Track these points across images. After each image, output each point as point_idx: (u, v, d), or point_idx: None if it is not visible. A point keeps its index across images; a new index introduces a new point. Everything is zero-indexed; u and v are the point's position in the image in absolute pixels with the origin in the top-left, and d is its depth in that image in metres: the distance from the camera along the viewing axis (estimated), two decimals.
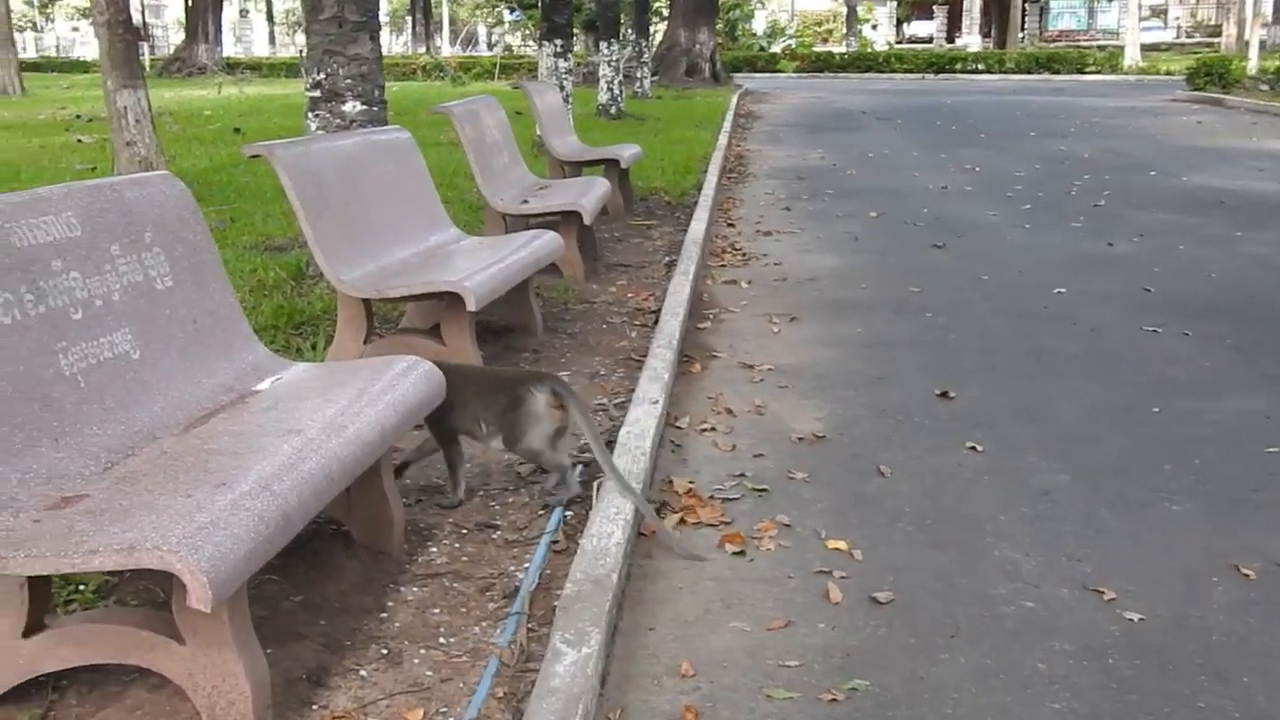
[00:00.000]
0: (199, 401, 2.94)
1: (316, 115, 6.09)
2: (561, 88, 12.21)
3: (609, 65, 16.84)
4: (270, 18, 50.94)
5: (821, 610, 2.90)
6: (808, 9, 58.93)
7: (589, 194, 6.72)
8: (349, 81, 6.05)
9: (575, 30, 11.90)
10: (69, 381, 2.57)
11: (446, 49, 46.64)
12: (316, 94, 6.07)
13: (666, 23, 29.44)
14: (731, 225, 8.81)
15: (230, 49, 39.81)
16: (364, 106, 6.09)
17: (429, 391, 3.19)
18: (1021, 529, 3.36)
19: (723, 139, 14.70)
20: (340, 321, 4.64)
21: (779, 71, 36.98)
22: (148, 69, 38.57)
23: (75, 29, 62.83)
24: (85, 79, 34.46)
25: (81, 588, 2.82)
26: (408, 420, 3.01)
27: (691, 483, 3.72)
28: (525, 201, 6.54)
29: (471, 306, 4.30)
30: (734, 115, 18.98)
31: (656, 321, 5.53)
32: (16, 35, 33.60)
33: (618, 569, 2.91)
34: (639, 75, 21.81)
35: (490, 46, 52.74)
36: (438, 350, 4.50)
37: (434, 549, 3.23)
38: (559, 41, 12.14)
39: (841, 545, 3.26)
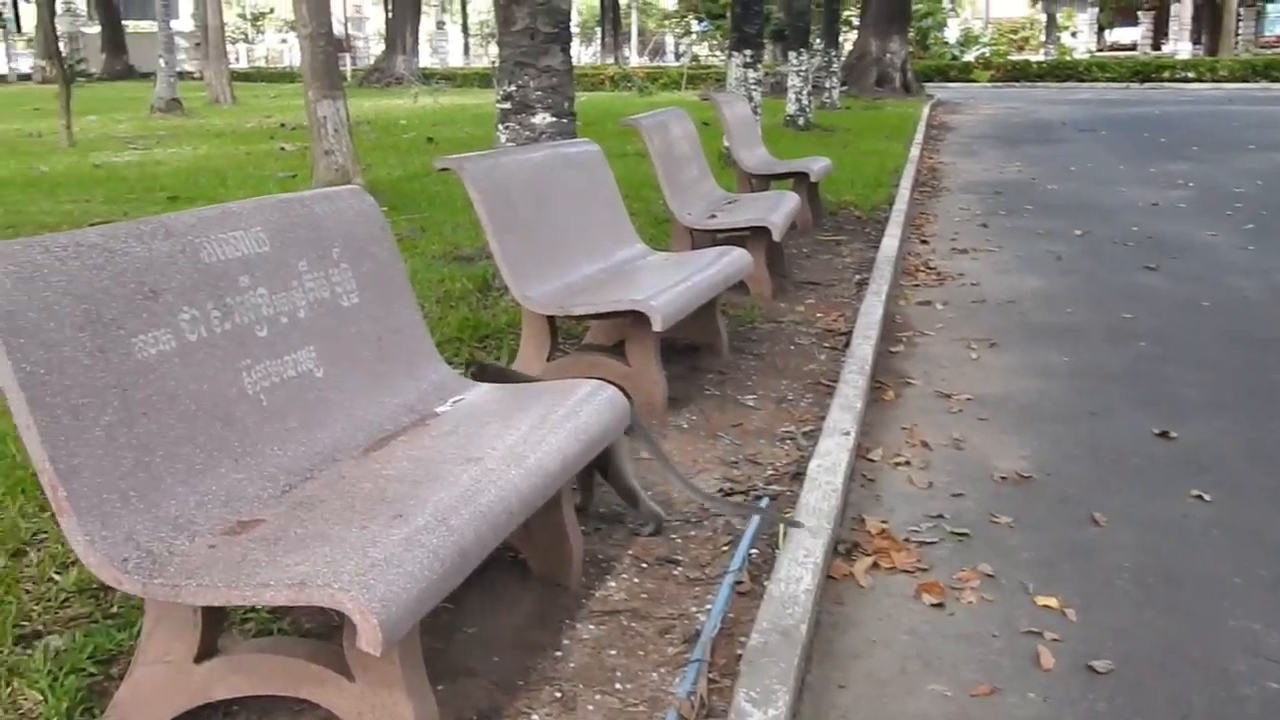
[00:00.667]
0: (380, 423, 2.87)
1: (507, 127, 6.07)
2: (750, 98, 12.03)
3: (798, 75, 16.58)
4: (465, 29, 52.31)
5: (1031, 677, 2.64)
6: (1003, 16, 57.22)
7: (779, 209, 6.53)
8: (539, 93, 6.01)
9: (764, 40, 11.70)
10: (252, 400, 2.52)
11: (634, 59, 47.03)
12: (507, 106, 6.05)
13: (856, 32, 28.91)
14: (925, 242, 8.47)
15: (426, 60, 41.01)
16: (554, 118, 6.05)
17: (613, 418, 3.05)
18: (1260, 594, 3.02)
19: (915, 151, 14.28)
20: (524, 337, 4.57)
21: (972, 81, 35.97)
22: (348, 79, 40.11)
23: (283, 41, 65.75)
24: (291, 88, 35.98)
25: (257, 607, 2.78)
26: (591, 449, 2.87)
27: (885, 523, 3.49)
28: (713, 216, 6.39)
29: (658, 327, 4.16)
30: (926, 126, 18.46)
31: (847, 344, 5.30)
32: (229, 47, 35.26)
33: (807, 618, 2.71)
34: (828, 85, 21.44)
35: (677, 57, 52.94)
36: (622, 371, 4.38)
37: (612, 583, 3.09)
38: (748, 51, 11.97)
39: (1052, 602, 2.98)
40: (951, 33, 46.36)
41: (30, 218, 9.22)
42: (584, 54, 55.19)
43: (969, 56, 41.25)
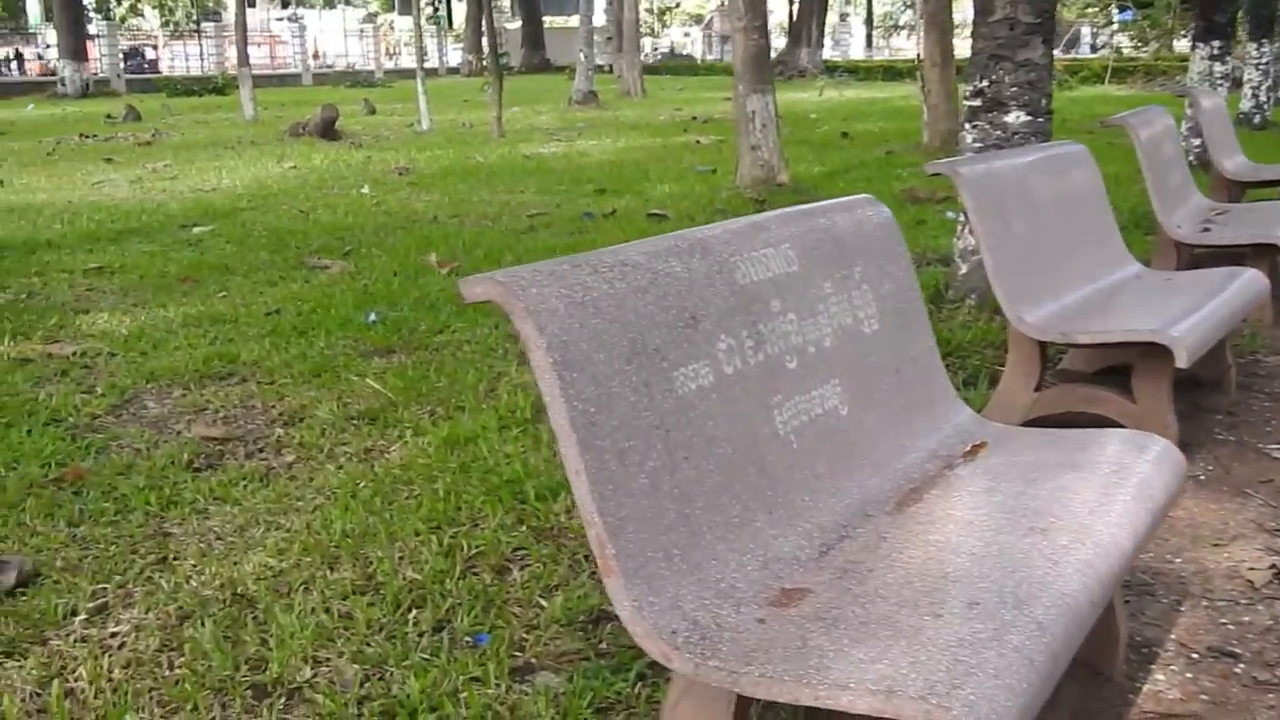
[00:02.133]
0: (905, 470, 2.51)
1: (975, 126, 5.57)
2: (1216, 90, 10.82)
3: (1256, 68, 14.89)
4: (870, 21, 51.59)
5: None
6: None
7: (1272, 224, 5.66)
8: (1014, 89, 5.47)
9: (1234, 30, 10.46)
10: (782, 442, 2.22)
11: (1055, 51, 44.58)
12: (977, 103, 5.56)
13: None
14: None
15: (828, 52, 40.69)
16: (1029, 117, 5.49)
17: (1173, 480, 2.54)
18: None
19: None
20: (1010, 363, 4.09)
21: None
22: None
23: (686, 34, 67.58)
24: (695, 81, 36.72)
25: None
26: (1157, 519, 2.38)
27: None
28: (1206, 229, 5.62)
29: (1182, 362, 3.57)
30: None
31: None
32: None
33: None
34: None
35: (1094, 49, 49.81)
36: (1129, 410, 3.82)
37: (1160, 676, 2.58)
38: (1216, 43, 10.77)
39: None
40: None
41: (472, 206, 9.63)
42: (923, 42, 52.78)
43: None
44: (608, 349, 1.88)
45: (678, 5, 60.69)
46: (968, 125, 5.63)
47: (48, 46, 40.95)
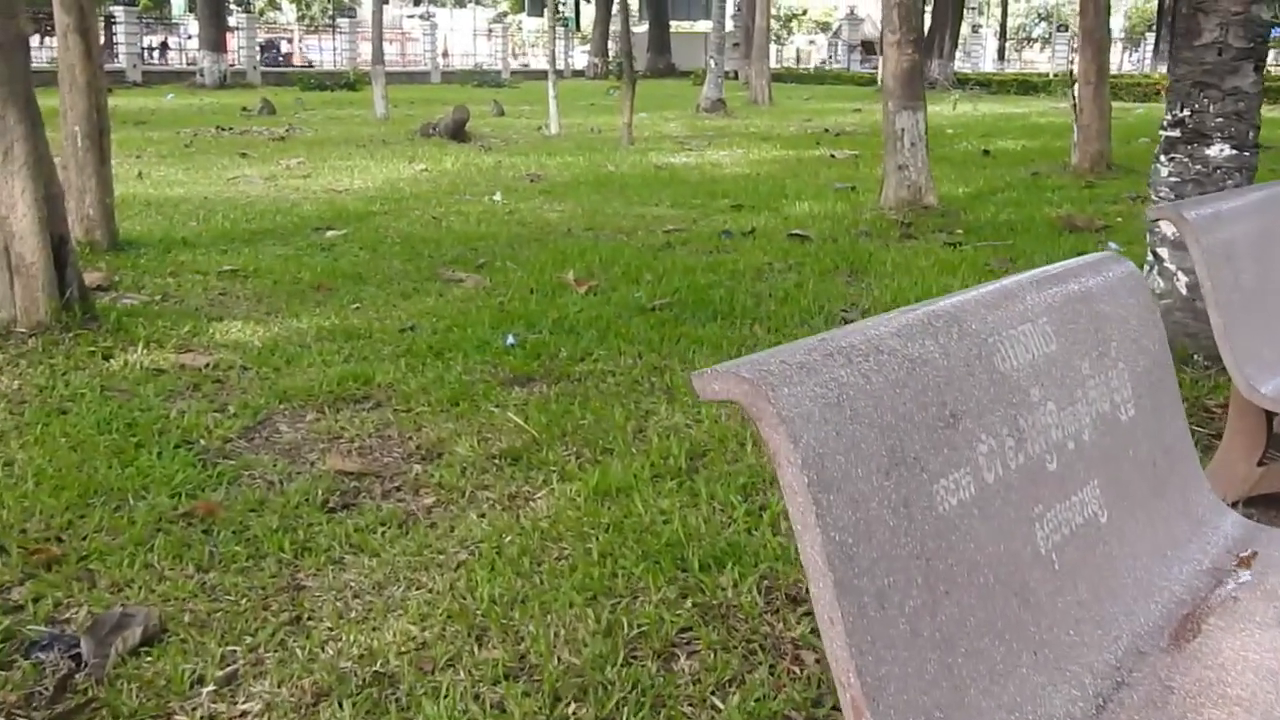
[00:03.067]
0: (1173, 590, 2.11)
1: (1171, 159, 5.10)
2: None
3: None
4: (1003, 33, 50.35)
5: None
6: None
7: None
8: (1219, 120, 4.98)
9: None
10: (1044, 563, 1.84)
11: None
12: (1175, 134, 5.08)
13: None
14: None
15: (958, 64, 39.74)
16: (1233, 151, 5.00)
17: None
18: None
19: None
20: (1230, 432, 3.63)
21: None
22: (879, 84, 39.82)
23: (811, 42, 66.87)
24: (822, 90, 36.19)
25: None
26: None
27: None
28: None
29: None
30: None
31: None
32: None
33: None
34: None
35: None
36: None
37: None
38: None
39: None
40: None
41: (606, 219, 9.35)
42: (1125, 61, 51.37)
43: None
44: (866, 461, 1.53)
45: (805, 13, 59.97)
46: (1163, 157, 5.16)
47: (189, 37, 42.05)
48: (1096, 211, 9.91)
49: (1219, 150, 4.99)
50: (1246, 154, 5.06)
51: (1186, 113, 5.04)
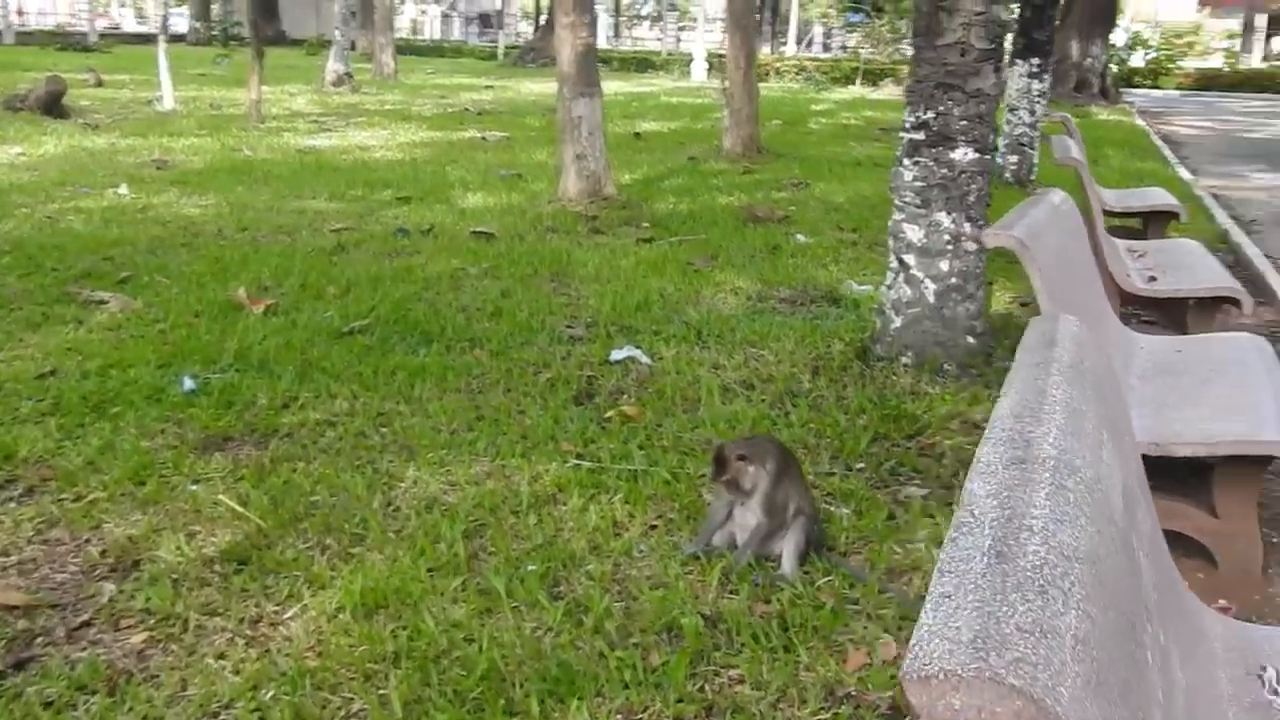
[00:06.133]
0: None
1: (916, 163, 4.86)
2: (1032, 112, 10.67)
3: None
4: (617, 10, 51.25)
5: None
6: (1168, 21, 54.12)
7: (1215, 268, 5.26)
8: (964, 123, 4.78)
9: (1052, 48, 10.16)
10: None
11: (791, 49, 45.40)
12: (920, 136, 4.84)
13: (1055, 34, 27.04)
14: None
15: None
16: (976, 154, 4.82)
17: None
18: None
19: (1184, 173, 12.75)
20: None
21: (1157, 88, 33.78)
22: (500, 59, 39.30)
23: (424, 12, 65.53)
24: (444, 64, 35.36)
25: None
26: None
27: None
28: (1153, 279, 5.10)
29: None
30: (1161, 141, 16.83)
31: None
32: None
33: None
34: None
35: (825, 49, 51.20)
36: (1209, 526, 3.18)
37: None
38: (1035, 60, 10.59)
39: None
40: (1118, 36, 43.80)
41: (260, 216, 8.26)
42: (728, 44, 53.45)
43: (1136, 61, 38.82)
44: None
45: None
46: (906, 161, 4.91)
47: None
48: (765, 199, 9.85)
49: (964, 154, 4.80)
50: (987, 157, 4.91)
51: (930, 115, 4.80)
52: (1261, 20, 50.12)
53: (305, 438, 4.02)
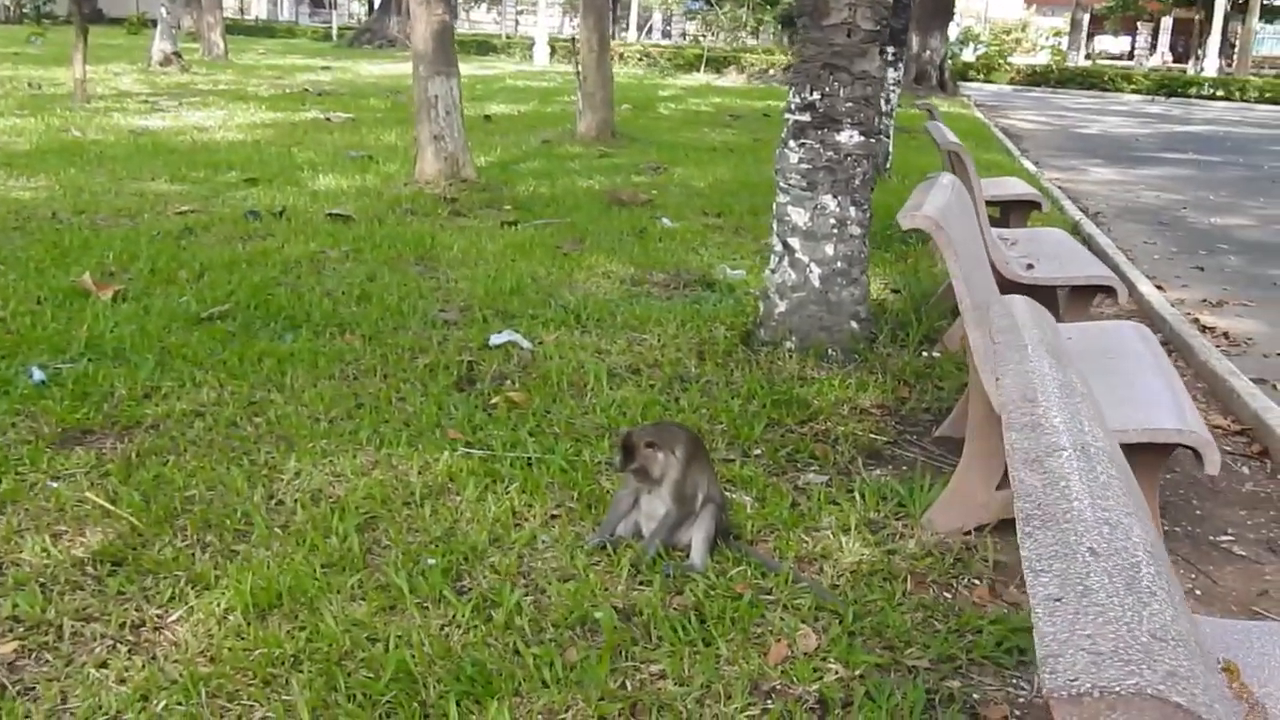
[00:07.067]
0: None
1: (802, 145, 4.83)
2: (887, 100, 10.84)
3: None
4: None
5: None
6: (997, 17, 56.24)
7: (1086, 259, 5.41)
8: (850, 105, 4.77)
9: (905, 36, 10.38)
10: None
11: (632, 35, 45.52)
12: (805, 118, 4.82)
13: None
14: (1161, 288, 7.25)
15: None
16: (862, 137, 4.82)
17: None
18: None
19: (1028, 165, 13.18)
20: (968, 454, 3.36)
21: (990, 82, 34.98)
22: (335, 40, 38.26)
23: None
24: (276, 45, 34.32)
25: None
26: None
27: None
28: (1030, 266, 5.19)
29: (1214, 470, 2.99)
30: (1001, 134, 17.40)
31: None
32: None
33: None
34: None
35: (665, 35, 51.54)
36: None
37: None
38: (891, 49, 10.75)
39: None
40: (950, 31, 45.21)
41: (98, 199, 7.79)
42: (570, 28, 53.41)
43: (968, 56, 40.21)
44: None
45: None
46: (792, 143, 4.88)
47: None
48: (626, 183, 9.79)
49: (849, 136, 4.79)
50: (873, 140, 4.92)
51: (816, 96, 4.78)
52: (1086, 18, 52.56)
53: (172, 429, 3.76)
